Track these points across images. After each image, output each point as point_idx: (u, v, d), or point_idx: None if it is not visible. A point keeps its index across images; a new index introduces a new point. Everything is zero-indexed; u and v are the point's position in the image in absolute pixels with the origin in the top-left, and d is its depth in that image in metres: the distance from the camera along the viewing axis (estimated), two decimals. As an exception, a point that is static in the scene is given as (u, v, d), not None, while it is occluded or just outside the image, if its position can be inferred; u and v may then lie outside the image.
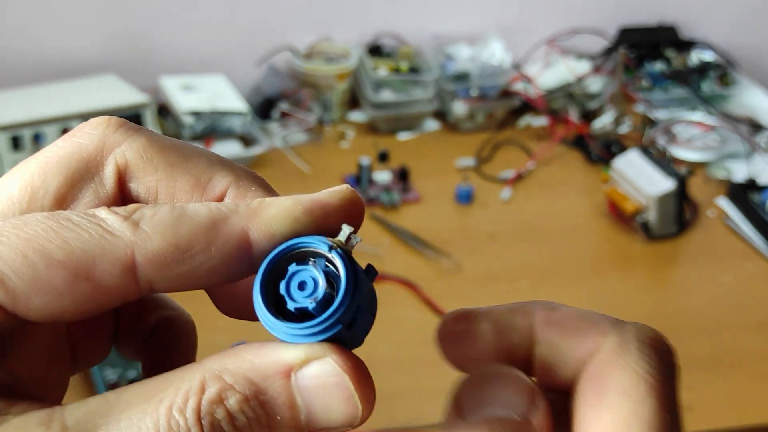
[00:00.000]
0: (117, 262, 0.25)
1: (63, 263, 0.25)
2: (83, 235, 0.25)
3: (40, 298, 0.25)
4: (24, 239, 0.25)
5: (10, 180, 0.29)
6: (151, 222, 0.26)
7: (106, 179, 0.29)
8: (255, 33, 1.75)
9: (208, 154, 0.30)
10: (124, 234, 0.26)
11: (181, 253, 0.26)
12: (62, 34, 1.67)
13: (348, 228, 0.27)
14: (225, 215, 0.27)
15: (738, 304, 1.31)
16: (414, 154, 1.63)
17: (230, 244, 0.26)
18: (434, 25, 1.80)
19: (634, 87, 1.80)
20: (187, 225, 0.26)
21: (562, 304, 0.29)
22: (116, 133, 0.29)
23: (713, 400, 1.13)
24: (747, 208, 1.48)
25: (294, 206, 0.27)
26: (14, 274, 0.25)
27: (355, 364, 0.26)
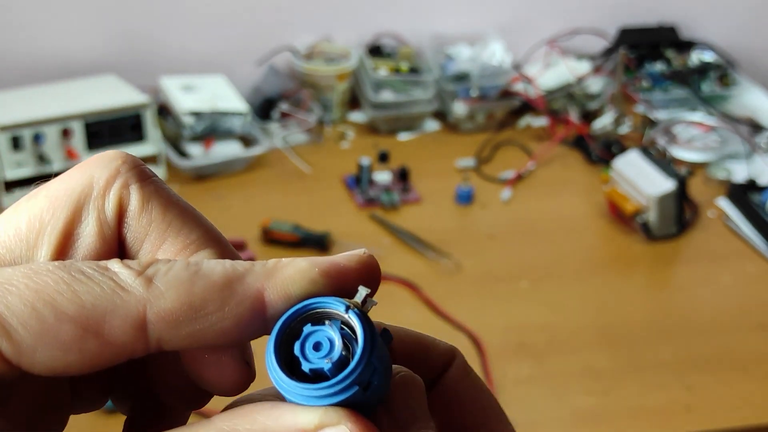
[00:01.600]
0: (128, 318, 0.25)
1: (73, 318, 0.24)
2: (95, 289, 0.25)
3: (46, 352, 0.24)
4: (34, 290, 0.24)
5: (19, 213, 0.28)
6: (165, 279, 0.25)
7: (109, 214, 0.28)
8: (255, 33, 1.75)
9: (207, 227, 0.29)
10: (137, 290, 0.25)
11: (194, 312, 0.25)
12: (62, 34, 1.67)
13: (365, 290, 0.27)
14: (240, 274, 0.26)
15: (738, 305, 1.31)
16: (414, 155, 1.63)
17: (245, 305, 0.26)
18: (434, 26, 1.80)
19: (635, 87, 1.80)
20: (202, 283, 0.25)
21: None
22: (130, 171, 0.28)
23: (713, 400, 1.13)
24: (747, 209, 1.48)
25: (311, 268, 0.27)
26: (22, 326, 0.24)
27: (370, 431, 0.25)
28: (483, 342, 1.20)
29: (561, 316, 1.27)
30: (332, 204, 1.49)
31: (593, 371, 1.17)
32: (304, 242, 1.36)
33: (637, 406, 1.12)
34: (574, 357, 1.19)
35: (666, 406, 1.12)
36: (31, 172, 1.41)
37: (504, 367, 1.17)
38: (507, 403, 1.11)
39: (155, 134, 1.50)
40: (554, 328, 1.24)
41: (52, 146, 1.42)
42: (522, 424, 1.09)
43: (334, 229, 1.38)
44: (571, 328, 1.24)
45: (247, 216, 1.43)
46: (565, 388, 1.14)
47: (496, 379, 1.14)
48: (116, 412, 0.43)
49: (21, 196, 1.17)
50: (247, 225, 1.40)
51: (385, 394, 0.27)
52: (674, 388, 1.15)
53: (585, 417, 1.11)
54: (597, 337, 1.23)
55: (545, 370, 1.17)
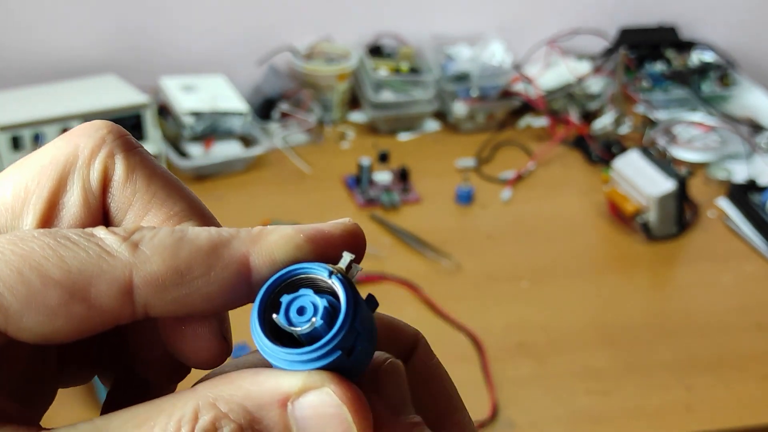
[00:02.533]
0: (114, 283, 0.25)
1: (59, 282, 0.24)
2: (81, 254, 0.25)
3: (33, 317, 0.24)
4: (20, 255, 0.24)
5: (4, 183, 0.28)
6: (150, 243, 0.25)
7: (94, 183, 0.28)
8: (255, 33, 1.75)
9: (191, 199, 0.29)
10: (123, 255, 0.25)
11: (179, 277, 0.25)
12: (62, 34, 1.67)
13: (349, 255, 0.27)
14: (226, 239, 0.26)
15: (738, 305, 1.31)
16: (414, 155, 1.63)
17: (230, 269, 0.26)
18: (434, 26, 1.80)
19: (635, 87, 1.80)
20: (187, 248, 0.25)
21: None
22: (115, 141, 0.28)
23: (713, 400, 1.13)
24: (747, 209, 1.48)
25: (296, 233, 0.27)
26: (8, 291, 0.24)
27: (354, 394, 0.25)
28: (483, 342, 1.20)
29: (561, 316, 1.27)
30: (332, 204, 1.49)
31: (593, 371, 1.17)
32: (304, 242, 1.36)
33: (636, 406, 1.12)
34: (574, 357, 1.19)
35: (666, 406, 1.12)
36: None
37: (504, 367, 1.17)
38: (507, 402, 1.11)
39: (155, 134, 1.50)
40: (554, 328, 1.24)
41: (52, 146, 1.42)
42: (522, 424, 1.09)
43: (334, 229, 1.38)
44: (571, 328, 1.24)
45: (247, 216, 1.44)
46: (565, 388, 1.14)
47: (495, 378, 1.14)
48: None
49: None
50: (247, 225, 1.38)
51: (370, 361, 0.28)
52: (674, 388, 1.15)
53: (585, 417, 1.11)
54: (597, 337, 1.23)
55: (545, 370, 1.17)
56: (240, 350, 1.12)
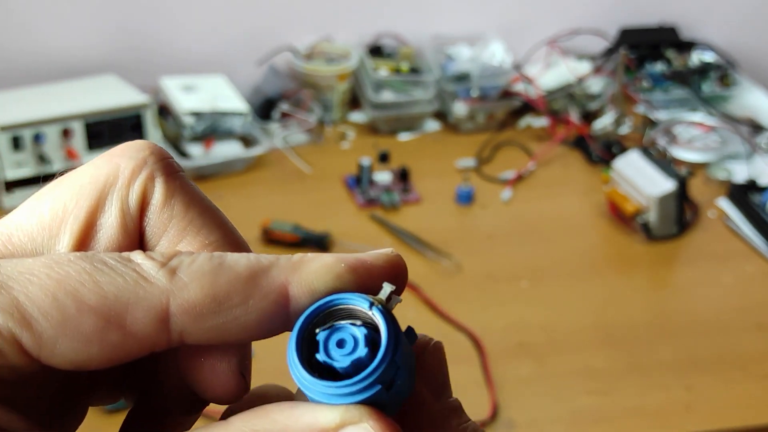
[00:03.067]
0: (151, 310, 0.24)
1: (94, 309, 0.24)
2: (118, 280, 0.24)
3: (67, 343, 0.24)
4: (56, 280, 0.24)
5: (42, 201, 0.28)
6: (189, 270, 0.25)
7: (132, 206, 0.27)
8: (255, 33, 1.75)
9: (228, 229, 0.28)
10: (161, 281, 0.24)
11: (217, 305, 0.25)
12: (63, 34, 1.67)
13: (389, 286, 0.26)
14: (265, 267, 0.25)
15: (738, 305, 1.31)
16: (414, 155, 1.63)
17: (269, 299, 0.25)
18: (435, 26, 1.80)
19: (635, 88, 1.80)
20: (226, 276, 0.25)
21: None
22: (156, 164, 0.28)
23: (713, 400, 1.13)
24: (747, 209, 1.48)
25: (337, 263, 0.26)
26: (43, 317, 0.23)
27: (393, 430, 0.24)
28: (483, 342, 1.20)
29: (561, 316, 1.27)
30: (332, 204, 1.49)
31: (593, 371, 1.17)
32: (304, 242, 1.36)
33: (636, 406, 1.12)
34: (574, 357, 1.19)
35: (666, 406, 1.12)
36: (31, 173, 1.42)
37: (504, 367, 1.17)
38: (507, 402, 1.11)
39: (155, 134, 1.50)
40: (554, 328, 1.24)
41: (53, 146, 1.42)
42: (522, 423, 1.09)
43: (334, 230, 1.38)
44: (571, 328, 1.25)
45: (247, 216, 1.44)
46: (565, 387, 1.15)
47: (496, 378, 1.15)
48: (114, 412, 0.42)
49: (21, 196, 1.19)
50: (248, 225, 1.40)
51: (408, 395, 0.27)
52: (674, 387, 1.15)
53: (585, 417, 1.11)
54: (597, 337, 1.23)
55: (545, 370, 1.17)
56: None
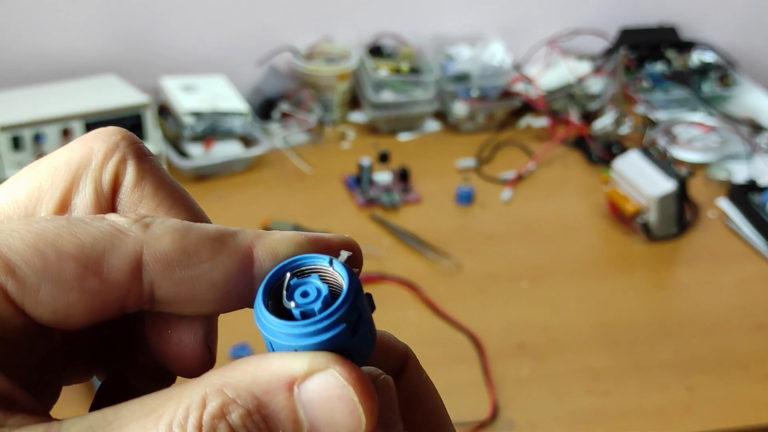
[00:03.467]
0: (126, 258, 0.26)
1: (73, 256, 0.25)
2: (94, 232, 0.26)
3: (49, 290, 0.25)
4: (35, 233, 0.25)
5: (19, 183, 0.29)
6: (161, 225, 0.26)
7: (105, 186, 0.29)
8: (256, 34, 1.75)
9: (197, 211, 0.30)
10: (135, 232, 0.26)
11: (187, 257, 0.26)
12: (63, 35, 1.68)
13: (347, 252, 0.28)
14: (232, 232, 0.27)
15: (738, 305, 1.31)
16: (414, 155, 1.63)
17: (235, 257, 0.27)
18: (435, 26, 1.80)
19: (635, 88, 1.80)
20: (196, 233, 0.27)
21: None
22: (128, 147, 0.29)
23: (713, 400, 1.14)
24: (747, 209, 1.48)
25: (298, 234, 0.28)
26: (25, 264, 0.25)
27: (359, 375, 0.26)
28: (483, 342, 1.20)
29: (561, 316, 1.27)
30: (333, 204, 1.50)
31: (593, 371, 1.17)
32: (304, 242, 1.36)
33: (637, 406, 1.12)
34: (574, 357, 1.19)
35: (666, 406, 1.13)
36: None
37: (504, 367, 1.17)
38: (507, 402, 1.11)
39: (156, 134, 1.50)
40: (554, 328, 1.24)
41: (53, 146, 1.42)
42: (522, 423, 1.09)
43: (334, 229, 1.38)
44: (571, 328, 1.25)
45: (247, 216, 1.44)
46: (565, 387, 1.15)
47: (496, 378, 1.15)
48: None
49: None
50: (248, 225, 1.39)
51: (370, 353, 0.28)
52: (674, 387, 1.15)
53: (585, 417, 1.11)
54: (597, 337, 1.23)
55: (545, 370, 1.17)
56: (240, 350, 1.13)
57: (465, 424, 1.08)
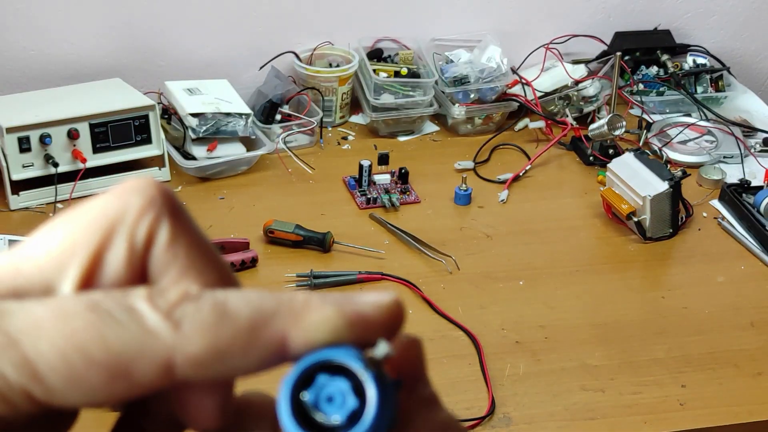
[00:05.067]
0: (156, 363, 0.25)
1: (101, 364, 0.25)
2: (124, 335, 0.25)
3: (76, 395, 0.25)
4: (64, 336, 0.25)
5: (53, 232, 0.28)
6: (193, 323, 0.26)
7: (138, 243, 0.28)
8: (258, 38, 1.76)
9: (225, 270, 0.29)
10: (165, 335, 0.25)
11: (219, 356, 0.26)
12: (70, 40, 1.68)
13: (385, 346, 0.27)
14: (267, 317, 0.26)
15: (731, 304, 1.32)
16: (413, 157, 1.65)
17: (268, 350, 0.26)
18: (433, 30, 1.81)
19: (630, 90, 1.82)
20: (228, 328, 0.26)
21: None
22: (163, 204, 0.28)
23: (707, 397, 1.15)
24: (740, 210, 1.49)
25: (337, 317, 0.27)
26: (52, 372, 0.25)
27: None
28: (481, 340, 1.21)
29: (557, 314, 1.28)
30: (333, 205, 1.51)
31: (589, 368, 1.18)
32: (305, 242, 1.38)
33: (631, 403, 1.13)
34: (570, 354, 1.21)
35: (660, 403, 1.13)
36: (37, 173, 1.44)
37: (501, 364, 1.18)
38: (504, 399, 1.13)
39: (160, 136, 1.52)
40: (550, 326, 1.26)
41: (59, 147, 1.44)
42: (518, 420, 1.11)
43: (335, 230, 1.40)
44: (566, 326, 1.26)
45: (249, 216, 1.45)
46: (561, 384, 1.16)
47: (493, 376, 1.16)
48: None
49: (28, 198, 1.20)
50: (250, 225, 1.41)
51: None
52: (668, 384, 1.16)
53: (580, 413, 1.12)
54: (592, 335, 1.24)
55: (541, 367, 1.18)
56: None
57: (463, 421, 1.09)
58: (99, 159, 1.48)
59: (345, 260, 1.37)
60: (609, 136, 1.60)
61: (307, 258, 1.37)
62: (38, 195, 1.45)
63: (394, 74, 1.72)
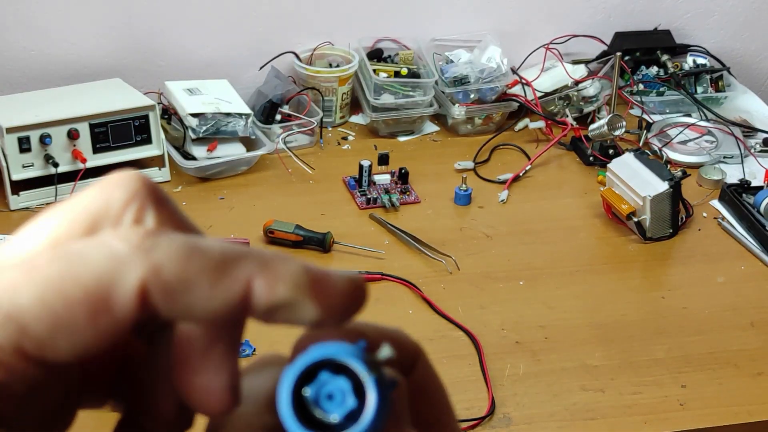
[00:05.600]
0: (131, 290, 0.25)
1: (80, 300, 0.25)
2: (95, 267, 0.25)
3: (65, 338, 0.25)
4: (38, 283, 0.25)
5: (36, 230, 0.28)
6: (164, 249, 0.26)
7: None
8: (258, 38, 1.76)
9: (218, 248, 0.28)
10: (136, 262, 0.25)
11: (188, 286, 0.26)
12: (70, 40, 1.68)
13: (389, 349, 0.28)
14: (235, 259, 0.26)
15: (731, 304, 1.32)
16: (413, 157, 1.65)
17: (234, 292, 0.26)
18: (434, 30, 1.82)
19: (630, 91, 1.82)
20: (198, 260, 0.26)
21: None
22: (146, 196, 0.28)
23: (707, 397, 1.15)
24: (740, 210, 1.50)
25: (302, 273, 0.27)
26: (37, 321, 0.25)
27: None
28: (481, 340, 1.22)
29: (557, 314, 1.28)
30: (333, 205, 1.51)
31: (589, 368, 1.19)
32: (305, 242, 1.38)
33: (631, 403, 1.14)
34: (570, 354, 1.21)
35: (660, 403, 1.14)
36: (37, 173, 1.44)
37: (501, 364, 1.18)
38: (504, 399, 1.13)
39: (160, 136, 1.52)
40: (550, 326, 1.26)
41: (59, 148, 1.44)
42: (518, 420, 1.11)
43: (335, 230, 1.40)
44: (567, 326, 1.26)
45: (249, 216, 1.45)
46: (561, 384, 1.16)
47: (493, 376, 1.16)
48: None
49: (28, 198, 1.21)
50: (250, 225, 1.42)
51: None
52: (668, 385, 1.16)
53: (580, 413, 1.12)
54: (592, 335, 1.25)
55: (541, 367, 1.19)
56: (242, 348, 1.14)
57: (463, 421, 1.09)
58: (99, 159, 1.48)
59: (345, 260, 1.37)
60: (609, 136, 1.61)
61: (307, 258, 1.37)
62: (38, 195, 1.45)
63: (394, 74, 1.73)
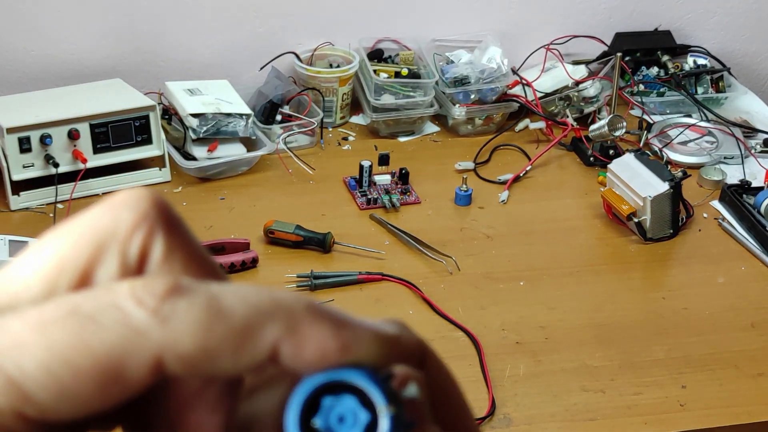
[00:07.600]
0: (145, 363, 0.24)
1: (89, 372, 0.24)
2: (108, 337, 0.24)
3: (69, 407, 0.24)
4: (46, 349, 0.24)
5: (41, 250, 0.27)
6: (183, 319, 0.24)
7: (131, 259, 0.27)
8: (258, 38, 1.76)
9: (223, 281, 0.28)
10: (152, 333, 0.24)
11: (209, 356, 0.24)
12: (70, 41, 1.69)
13: (414, 388, 0.26)
14: (262, 321, 0.25)
15: (732, 305, 1.32)
16: (414, 157, 1.65)
17: (260, 357, 0.25)
18: (434, 31, 1.82)
19: (630, 91, 1.82)
20: (220, 328, 0.24)
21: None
22: (157, 217, 0.27)
23: (707, 398, 1.15)
24: (741, 211, 1.50)
25: (332, 341, 0.25)
26: (41, 389, 0.24)
27: None
28: (481, 340, 1.22)
29: (557, 315, 1.28)
30: (334, 205, 1.51)
31: (589, 369, 1.19)
32: (306, 242, 1.38)
33: (631, 404, 1.14)
34: (570, 355, 1.21)
35: (660, 404, 1.14)
36: (38, 174, 1.44)
37: (501, 365, 1.19)
38: (504, 400, 1.13)
39: (160, 137, 1.52)
40: (551, 327, 1.26)
41: (59, 148, 1.44)
42: (519, 420, 1.11)
43: (335, 230, 1.40)
44: (567, 326, 1.26)
45: (250, 217, 1.45)
46: (561, 385, 1.16)
47: (493, 376, 1.16)
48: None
49: (28, 198, 1.21)
50: (251, 225, 1.42)
51: None
52: (668, 385, 1.16)
53: (580, 414, 1.12)
54: (593, 335, 1.25)
55: (542, 368, 1.19)
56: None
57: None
58: (99, 159, 1.48)
59: (345, 261, 1.37)
60: (609, 136, 1.61)
61: (308, 258, 1.37)
62: (39, 195, 1.45)
63: (395, 75, 1.73)
